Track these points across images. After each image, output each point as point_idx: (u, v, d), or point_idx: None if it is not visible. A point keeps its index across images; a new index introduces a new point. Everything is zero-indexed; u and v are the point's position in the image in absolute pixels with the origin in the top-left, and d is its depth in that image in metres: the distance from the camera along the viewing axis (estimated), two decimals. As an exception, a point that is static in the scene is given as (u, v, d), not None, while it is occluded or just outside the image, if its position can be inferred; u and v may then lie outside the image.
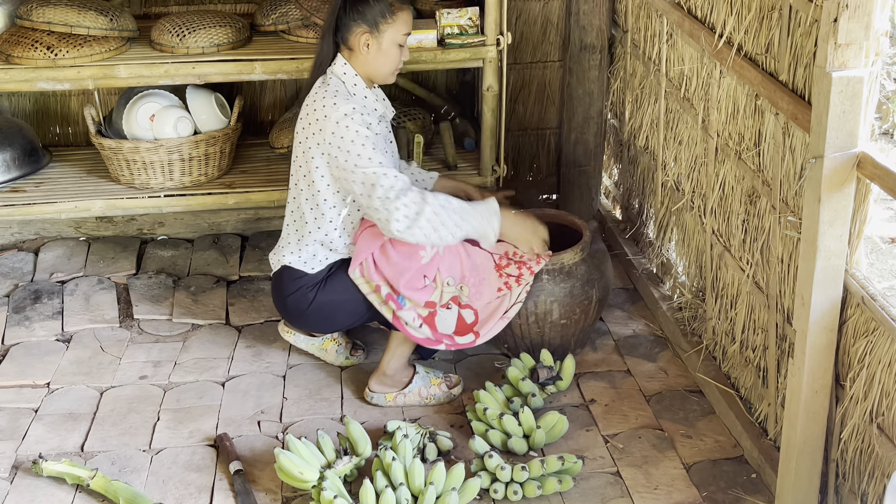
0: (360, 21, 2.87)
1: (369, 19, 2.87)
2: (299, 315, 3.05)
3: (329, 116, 2.83)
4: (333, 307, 3.00)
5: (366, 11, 2.86)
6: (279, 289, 3.05)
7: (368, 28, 2.87)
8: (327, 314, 3.02)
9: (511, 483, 2.66)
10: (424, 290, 2.89)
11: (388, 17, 2.88)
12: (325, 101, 2.85)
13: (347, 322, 3.10)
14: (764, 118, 2.60)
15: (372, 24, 2.87)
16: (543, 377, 3.06)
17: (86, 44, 3.35)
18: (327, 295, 2.99)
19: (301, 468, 2.62)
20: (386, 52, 2.91)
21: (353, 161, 2.79)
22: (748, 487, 2.67)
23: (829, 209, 2.19)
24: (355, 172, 2.79)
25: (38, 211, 3.51)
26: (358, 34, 2.88)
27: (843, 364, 2.35)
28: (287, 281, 3.01)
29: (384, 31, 2.89)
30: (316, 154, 2.87)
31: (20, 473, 2.78)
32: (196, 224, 4.02)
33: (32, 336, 3.41)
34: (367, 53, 2.90)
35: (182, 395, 3.11)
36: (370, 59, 2.91)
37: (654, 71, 3.40)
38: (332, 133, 2.81)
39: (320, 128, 2.84)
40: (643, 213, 3.72)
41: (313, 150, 2.87)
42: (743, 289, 2.84)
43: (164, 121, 3.49)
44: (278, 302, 3.09)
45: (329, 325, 3.11)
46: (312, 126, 2.87)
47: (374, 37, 2.88)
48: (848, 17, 2.05)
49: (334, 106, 2.83)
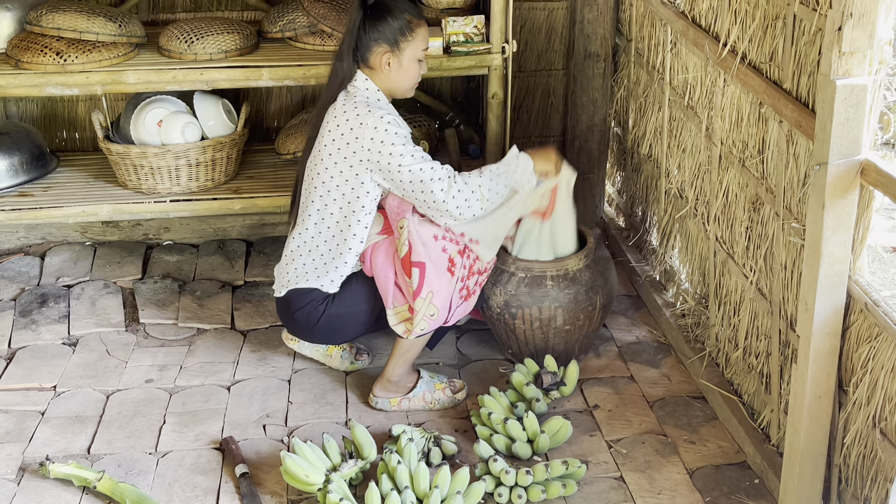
0: (380, 41, 2.89)
1: (389, 38, 2.89)
2: (307, 329, 3.05)
3: (365, 124, 2.84)
4: (343, 320, 3.01)
5: (385, 30, 2.89)
6: (286, 304, 3.05)
7: (389, 47, 2.90)
8: (336, 327, 3.03)
9: (515, 487, 2.67)
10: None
11: (407, 35, 2.91)
12: (358, 111, 2.86)
13: (355, 334, 3.12)
14: (768, 126, 2.62)
15: (392, 42, 2.89)
16: (547, 382, 3.08)
17: (94, 49, 3.38)
18: (336, 308, 3.00)
19: (307, 471, 2.63)
20: (406, 69, 2.94)
21: (396, 161, 2.83)
22: (751, 493, 2.69)
23: (832, 216, 2.21)
24: (401, 172, 2.83)
25: (46, 215, 3.53)
26: (378, 53, 2.90)
27: (846, 369, 2.37)
28: (293, 299, 3.01)
29: (404, 49, 2.91)
30: (355, 163, 2.87)
31: (27, 475, 2.79)
32: (202, 229, 4.04)
33: (39, 339, 3.43)
34: (389, 71, 2.92)
35: (188, 398, 3.12)
36: (391, 77, 2.93)
37: (658, 79, 3.42)
38: (371, 139, 2.83)
39: (356, 136, 2.84)
40: (646, 221, 3.73)
41: (350, 159, 2.87)
42: (746, 295, 2.85)
43: (171, 126, 3.51)
44: (285, 316, 3.08)
45: (336, 338, 3.12)
46: (347, 136, 2.86)
47: (394, 55, 2.91)
48: (852, 26, 2.07)
49: (368, 113, 2.85)
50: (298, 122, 3.85)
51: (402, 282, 2.91)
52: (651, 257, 3.70)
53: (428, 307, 2.88)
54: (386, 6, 2.91)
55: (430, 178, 2.84)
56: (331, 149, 2.89)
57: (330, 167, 2.91)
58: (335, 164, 2.89)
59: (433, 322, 2.90)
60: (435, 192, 2.84)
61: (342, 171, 2.89)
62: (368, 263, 2.97)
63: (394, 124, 2.85)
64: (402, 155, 2.83)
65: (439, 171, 2.85)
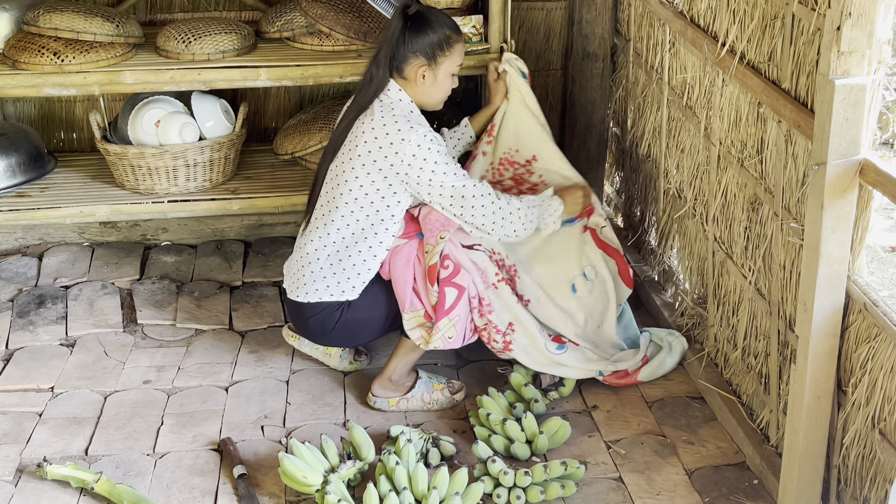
0: (417, 53, 2.90)
1: (427, 52, 2.90)
2: (322, 334, 3.03)
3: (407, 140, 2.83)
4: (359, 325, 2.99)
5: (424, 44, 2.89)
6: (301, 310, 2.99)
7: (426, 61, 2.90)
8: (352, 332, 3.01)
9: (514, 488, 2.66)
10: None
11: (445, 50, 2.92)
12: (399, 125, 2.85)
13: (369, 338, 3.10)
14: (766, 126, 2.62)
15: (430, 56, 2.90)
16: (546, 383, 3.07)
17: (92, 50, 3.38)
18: (353, 314, 2.97)
19: (305, 472, 2.63)
20: (440, 83, 2.95)
21: (439, 179, 2.85)
22: (750, 493, 2.68)
23: (831, 216, 2.21)
24: (444, 187, 2.85)
25: (43, 216, 3.53)
26: (415, 66, 2.90)
27: (845, 370, 2.36)
28: (308, 306, 2.97)
29: (441, 64, 2.92)
30: (391, 175, 2.85)
31: (24, 477, 2.78)
32: (199, 230, 4.04)
33: (37, 340, 3.42)
34: (423, 84, 2.93)
35: (186, 399, 3.12)
36: (425, 90, 2.94)
37: (657, 79, 3.42)
38: (414, 156, 2.83)
39: (396, 151, 2.83)
40: (645, 221, 3.73)
41: (386, 171, 2.85)
42: (745, 296, 2.85)
43: (169, 127, 3.51)
44: (299, 321, 3.04)
45: (350, 341, 3.11)
46: (385, 150, 2.84)
47: (430, 69, 2.91)
48: (851, 26, 2.07)
49: (410, 129, 2.84)
50: (296, 122, 3.84)
51: (422, 288, 2.90)
52: (649, 257, 3.70)
53: (450, 329, 2.88)
54: (426, 19, 2.92)
55: (472, 195, 2.87)
56: (365, 159, 2.86)
57: (362, 176, 2.87)
58: (368, 174, 2.87)
59: (448, 344, 2.90)
60: (475, 208, 2.87)
61: (375, 181, 2.87)
62: (387, 266, 2.94)
63: (435, 141, 2.86)
64: (444, 173, 2.85)
65: (480, 188, 2.88)
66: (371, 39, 3.54)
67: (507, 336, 2.97)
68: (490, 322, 2.94)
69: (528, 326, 2.97)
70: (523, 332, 2.98)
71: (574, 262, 3.15)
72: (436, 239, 2.87)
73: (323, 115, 3.77)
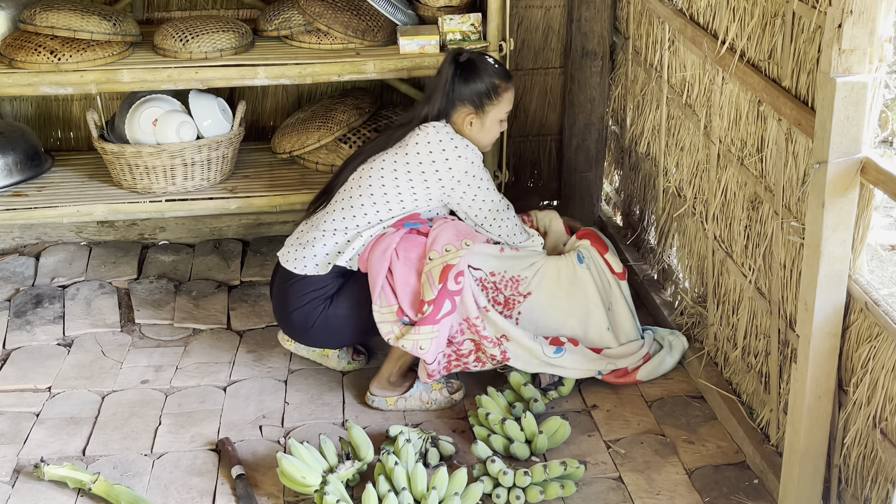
0: (465, 101, 2.96)
1: (475, 101, 2.96)
2: (304, 331, 3.05)
3: (464, 157, 2.93)
4: (341, 322, 3.01)
5: (472, 93, 2.95)
6: (285, 302, 3.03)
7: (473, 109, 2.96)
8: (333, 330, 3.02)
9: (513, 488, 2.65)
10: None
11: (493, 99, 2.97)
12: (456, 142, 2.93)
13: (350, 340, 3.14)
14: (766, 124, 2.61)
15: (477, 105, 2.96)
16: (545, 382, 3.06)
17: (89, 48, 3.36)
18: (335, 310, 2.99)
19: (303, 472, 2.62)
20: (488, 130, 3.02)
21: (482, 196, 2.99)
22: (750, 493, 2.67)
23: (832, 214, 2.20)
24: (485, 202, 3.00)
25: (40, 215, 3.51)
26: (462, 113, 2.97)
27: (846, 369, 2.36)
28: (294, 295, 3.01)
29: (488, 112, 2.98)
30: (433, 183, 2.94)
31: (22, 477, 2.77)
32: (197, 229, 4.03)
33: (34, 340, 3.41)
34: (470, 131, 3.00)
35: (183, 399, 3.11)
36: (472, 135, 3.01)
37: (656, 77, 3.41)
38: (466, 172, 2.94)
39: (450, 167, 2.93)
40: (644, 220, 3.72)
41: (430, 181, 2.94)
42: (745, 294, 2.84)
43: (166, 125, 3.49)
44: (282, 316, 3.08)
45: (331, 341, 3.12)
46: (438, 163, 2.92)
47: (478, 116, 2.98)
48: (852, 23, 2.06)
49: (467, 147, 2.94)
50: (295, 120, 3.83)
51: (403, 281, 2.89)
52: (649, 256, 3.69)
53: (426, 340, 2.88)
54: (476, 68, 2.97)
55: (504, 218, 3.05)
56: (413, 166, 2.93)
57: (402, 179, 2.94)
58: (410, 179, 2.93)
59: (417, 351, 2.90)
60: (502, 228, 3.05)
61: (415, 187, 2.94)
62: (366, 254, 2.96)
63: (481, 159, 2.99)
64: (488, 189, 3.00)
65: (510, 207, 3.08)
66: (369, 37, 3.53)
67: (502, 345, 2.98)
68: (484, 337, 2.96)
69: (521, 340, 2.99)
70: (516, 345, 2.99)
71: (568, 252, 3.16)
72: (461, 243, 2.90)
73: (321, 113, 3.75)
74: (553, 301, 3.06)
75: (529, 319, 3.05)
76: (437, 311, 2.86)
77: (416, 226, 2.99)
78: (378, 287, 2.90)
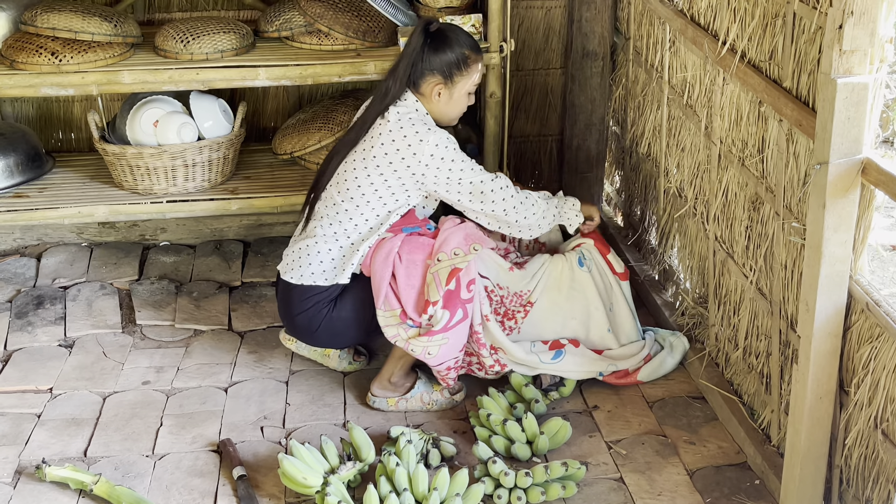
0: (434, 71, 2.93)
1: (444, 71, 2.93)
2: (309, 333, 3.04)
3: (426, 140, 2.87)
4: (345, 324, 3.00)
5: (442, 63, 2.92)
6: (288, 306, 3.03)
7: (442, 79, 2.94)
8: (337, 331, 3.02)
9: (514, 489, 2.65)
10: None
11: (462, 70, 2.94)
12: (416, 128, 2.89)
13: (355, 339, 3.13)
14: (767, 125, 2.61)
15: (446, 75, 2.94)
16: (546, 383, 3.06)
17: (90, 49, 3.36)
18: (339, 312, 2.99)
19: (305, 473, 2.62)
20: (456, 101, 2.99)
21: (456, 176, 2.90)
22: (751, 494, 2.67)
23: (833, 215, 2.20)
24: (462, 183, 2.91)
25: (42, 216, 3.51)
26: (431, 83, 2.94)
27: (847, 370, 2.36)
28: (297, 300, 3.00)
29: (457, 83, 2.95)
30: (406, 176, 2.90)
31: (23, 478, 2.77)
32: (198, 230, 4.03)
33: (35, 341, 3.41)
34: (438, 101, 2.96)
35: (185, 400, 3.11)
36: (439, 107, 2.98)
37: (657, 78, 3.41)
38: (432, 155, 2.88)
39: (414, 152, 2.87)
40: (645, 220, 3.72)
41: (401, 172, 2.89)
42: (746, 295, 2.84)
43: (167, 127, 3.49)
44: (287, 319, 3.07)
45: (336, 342, 3.12)
46: (403, 152, 2.87)
47: (446, 87, 2.95)
48: (853, 24, 2.06)
49: (428, 131, 2.89)
50: (295, 121, 3.83)
51: (406, 284, 2.89)
52: (650, 257, 3.69)
53: (434, 346, 2.88)
54: (447, 38, 2.95)
55: (492, 189, 2.92)
56: (380, 160, 2.90)
57: (374, 176, 2.91)
58: (381, 174, 2.90)
59: (426, 357, 2.90)
60: (496, 202, 2.93)
61: (388, 181, 2.91)
62: (368, 259, 2.96)
63: (450, 139, 2.92)
64: (461, 170, 2.90)
65: (499, 181, 2.94)
66: (370, 38, 3.53)
67: (497, 354, 2.99)
68: (482, 345, 2.97)
69: (516, 355, 3.00)
70: (512, 358, 3.00)
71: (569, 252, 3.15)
72: (469, 248, 2.89)
73: (322, 114, 3.76)
74: (553, 306, 3.06)
75: (531, 325, 3.05)
76: (450, 320, 2.86)
77: (416, 229, 2.99)
78: (382, 293, 2.90)
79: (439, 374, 2.97)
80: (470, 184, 2.92)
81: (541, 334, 3.06)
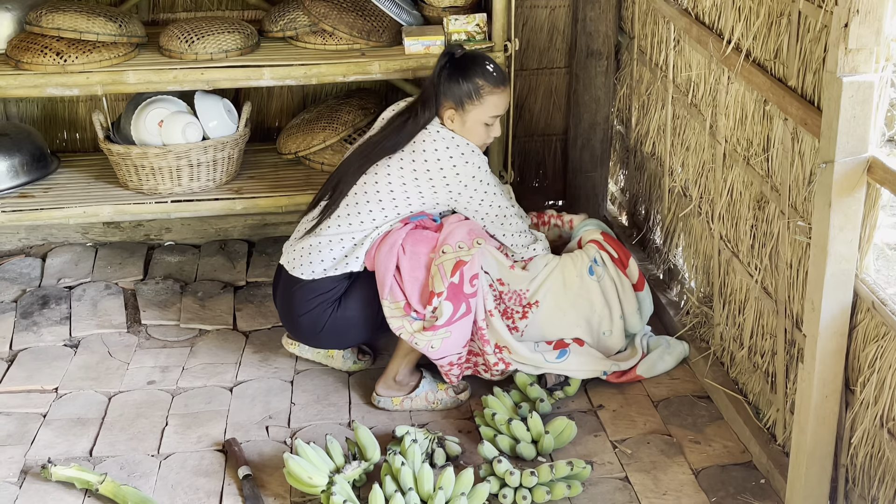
0: (448, 96, 2.96)
1: (456, 97, 2.96)
2: (313, 335, 3.06)
3: (471, 163, 2.96)
4: (349, 323, 3.01)
5: (454, 90, 2.96)
6: (292, 308, 3.03)
7: (454, 105, 2.96)
8: (342, 331, 3.03)
9: (520, 488, 2.65)
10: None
11: (474, 100, 2.97)
12: (462, 148, 2.94)
13: (359, 339, 3.13)
14: (772, 124, 2.61)
15: (458, 102, 2.97)
16: (551, 382, 3.06)
17: (95, 50, 3.37)
18: (343, 311, 3.00)
19: (310, 473, 2.62)
20: (469, 129, 3.00)
21: (489, 200, 3.00)
22: (757, 493, 2.67)
23: (839, 214, 2.20)
24: (492, 206, 3.01)
25: (47, 216, 3.52)
26: (445, 107, 2.98)
27: (853, 369, 2.35)
28: (301, 300, 3.01)
29: (468, 112, 2.98)
30: (441, 190, 2.95)
31: (29, 478, 2.78)
32: (203, 230, 4.03)
33: (40, 341, 3.41)
34: (451, 126, 2.99)
35: (190, 400, 3.11)
36: (455, 131, 3.00)
37: (661, 77, 3.40)
38: (473, 177, 2.96)
39: (457, 172, 2.94)
40: (650, 219, 3.72)
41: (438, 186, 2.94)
42: (751, 294, 2.84)
43: (172, 126, 3.50)
44: (290, 321, 3.08)
45: (341, 342, 3.13)
46: (446, 171, 2.93)
47: (458, 114, 2.98)
48: (859, 23, 2.06)
49: (473, 153, 2.95)
50: (300, 121, 3.83)
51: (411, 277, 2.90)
52: (655, 256, 3.69)
53: (437, 340, 2.89)
54: (464, 66, 2.98)
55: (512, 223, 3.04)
56: (420, 171, 2.93)
57: (409, 185, 2.94)
58: (418, 185, 2.94)
59: (428, 350, 2.92)
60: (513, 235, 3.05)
61: (422, 190, 2.95)
62: (373, 251, 2.97)
63: (486, 163, 3.00)
64: (495, 194, 3.00)
65: (518, 212, 3.08)
66: (374, 38, 3.53)
67: (501, 353, 3.00)
68: (486, 341, 2.98)
69: (520, 353, 3.00)
70: (516, 356, 3.01)
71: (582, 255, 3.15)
72: (472, 242, 2.92)
73: (326, 114, 3.76)
74: (558, 310, 3.06)
75: (535, 326, 3.05)
76: (453, 314, 2.87)
77: (421, 218, 3.00)
78: (387, 284, 2.91)
79: (442, 368, 2.97)
80: (499, 207, 3.01)
81: (544, 336, 3.07)
